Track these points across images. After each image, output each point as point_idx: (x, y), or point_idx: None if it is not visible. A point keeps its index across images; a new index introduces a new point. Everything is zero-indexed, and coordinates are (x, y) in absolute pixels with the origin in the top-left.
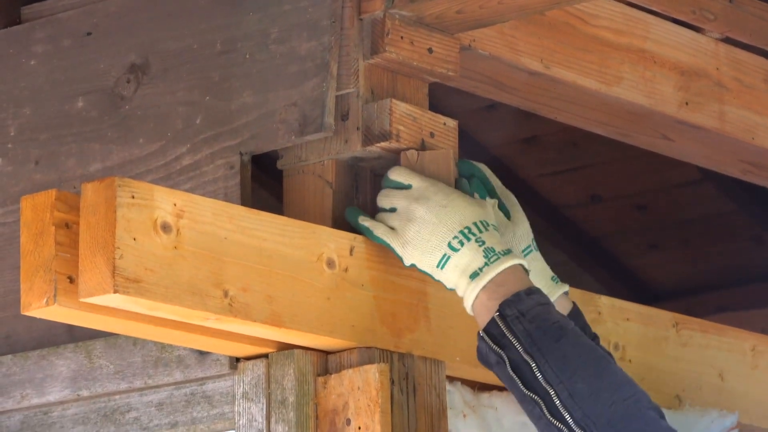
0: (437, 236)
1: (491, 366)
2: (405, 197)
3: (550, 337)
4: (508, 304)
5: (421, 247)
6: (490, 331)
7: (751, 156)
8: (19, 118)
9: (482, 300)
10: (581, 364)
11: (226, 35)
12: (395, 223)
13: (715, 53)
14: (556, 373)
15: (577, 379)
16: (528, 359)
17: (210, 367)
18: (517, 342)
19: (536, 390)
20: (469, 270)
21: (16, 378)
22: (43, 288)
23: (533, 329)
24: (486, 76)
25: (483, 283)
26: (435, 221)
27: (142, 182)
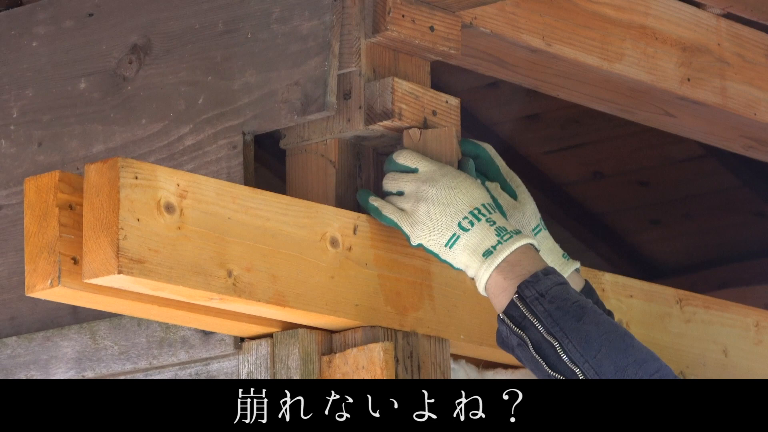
0: (447, 216)
1: (512, 349)
2: (413, 180)
3: (572, 317)
4: (526, 285)
5: (430, 226)
6: (510, 313)
7: (753, 131)
8: (21, 99)
9: (497, 280)
10: (605, 342)
11: (228, 15)
12: (404, 205)
13: (717, 29)
14: (581, 352)
15: (602, 358)
16: (551, 340)
17: (214, 347)
18: (539, 323)
19: (561, 371)
20: (480, 249)
21: (20, 359)
22: (47, 269)
23: (554, 309)
24: (488, 53)
25: (497, 262)
26: (445, 202)
27: (145, 163)
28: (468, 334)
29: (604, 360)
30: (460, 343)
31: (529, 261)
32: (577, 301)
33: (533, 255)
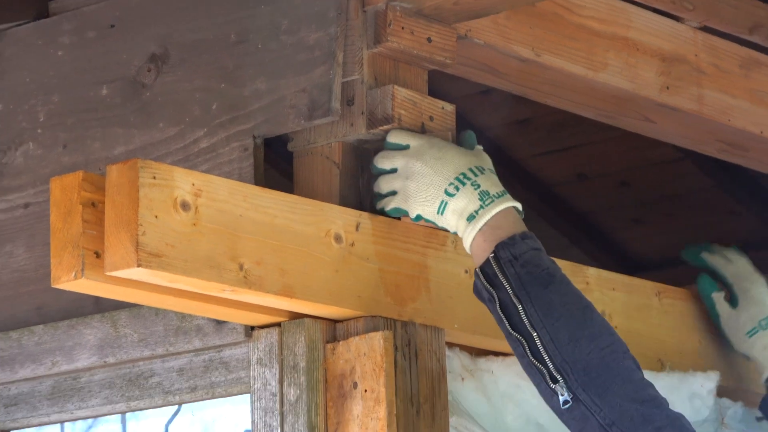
0: (435, 186)
1: (484, 301)
2: (403, 156)
3: (539, 283)
4: (502, 246)
5: (421, 197)
6: (485, 269)
7: (727, 136)
8: (47, 104)
9: (479, 242)
10: (565, 312)
11: (240, 27)
12: (396, 183)
13: (694, 40)
14: (540, 318)
15: (559, 326)
16: (516, 302)
17: (227, 335)
18: (508, 284)
19: (521, 331)
20: (465, 213)
21: (47, 346)
22: (71, 263)
23: (524, 273)
24: (481, 63)
25: (479, 226)
26: (431, 172)
27: (162, 164)
28: (462, 324)
29: (561, 329)
30: (454, 332)
31: (510, 224)
32: (548, 268)
33: (513, 218)
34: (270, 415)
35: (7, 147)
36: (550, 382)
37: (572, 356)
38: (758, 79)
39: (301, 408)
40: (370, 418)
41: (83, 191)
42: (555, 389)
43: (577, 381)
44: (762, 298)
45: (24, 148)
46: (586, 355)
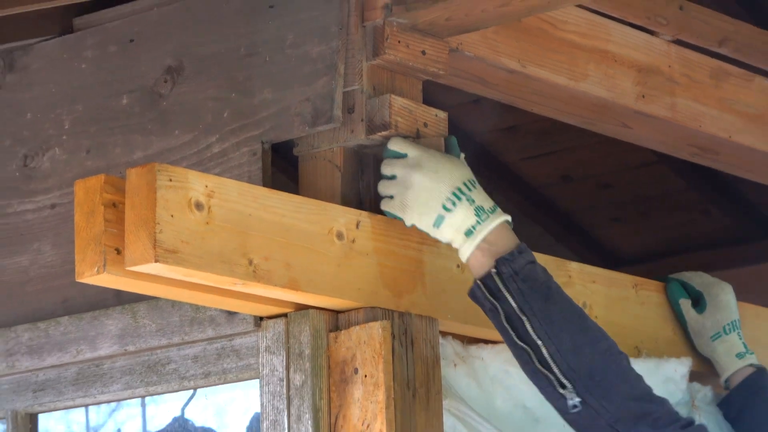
0: (432, 200)
1: (484, 309)
2: (402, 165)
3: (540, 297)
4: (503, 262)
5: (419, 209)
6: (487, 283)
7: (699, 141)
8: (72, 113)
9: (477, 256)
10: (565, 322)
11: (249, 41)
12: (393, 190)
13: (667, 53)
14: (545, 329)
15: (563, 336)
16: (521, 315)
17: (237, 325)
18: (512, 299)
19: (527, 342)
20: (463, 228)
21: (72, 336)
22: (94, 259)
23: (526, 288)
24: (471, 74)
25: (477, 241)
26: (429, 186)
27: (178, 167)
28: (454, 315)
29: (565, 338)
30: (447, 322)
31: (506, 239)
32: (545, 281)
33: (508, 232)
34: (277, 398)
35: (35, 152)
36: (559, 388)
37: (577, 363)
38: (727, 88)
39: (306, 392)
40: (370, 401)
41: (105, 193)
42: (564, 394)
43: (583, 386)
44: (729, 303)
45: (50, 154)
46: (589, 361)
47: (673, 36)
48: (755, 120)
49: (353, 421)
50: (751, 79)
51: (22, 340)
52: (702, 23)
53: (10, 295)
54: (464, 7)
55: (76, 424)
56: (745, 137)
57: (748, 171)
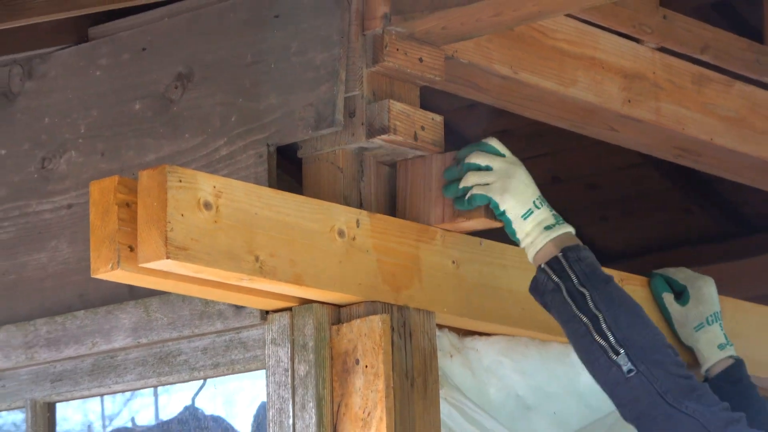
0: (528, 194)
1: (545, 293)
2: (502, 161)
3: (601, 280)
4: (570, 249)
5: (516, 198)
6: (552, 265)
7: (682, 143)
8: (87, 118)
9: (549, 247)
10: (622, 303)
11: (255, 49)
12: (492, 178)
13: (652, 60)
14: (604, 303)
15: (619, 312)
16: (582, 290)
17: (245, 318)
18: (575, 276)
19: (586, 313)
20: (543, 223)
21: (87, 329)
22: (108, 256)
23: (588, 272)
24: (466, 80)
25: (554, 235)
26: (527, 183)
27: (187, 169)
28: (450, 308)
29: (621, 315)
30: (443, 315)
31: (570, 240)
32: (605, 274)
33: (574, 237)
34: (283, 388)
35: (53, 155)
36: (613, 355)
37: (631, 336)
38: (708, 93)
39: (310, 382)
40: (370, 390)
41: (119, 193)
42: (617, 361)
43: (637, 355)
44: (712, 296)
45: (67, 156)
46: (642, 337)
47: (657, 44)
48: (735, 123)
49: (355, 409)
50: (731, 85)
51: (40, 333)
52: (684, 32)
53: (29, 290)
54: (459, 17)
55: (92, 412)
56: (726, 140)
57: (728, 172)
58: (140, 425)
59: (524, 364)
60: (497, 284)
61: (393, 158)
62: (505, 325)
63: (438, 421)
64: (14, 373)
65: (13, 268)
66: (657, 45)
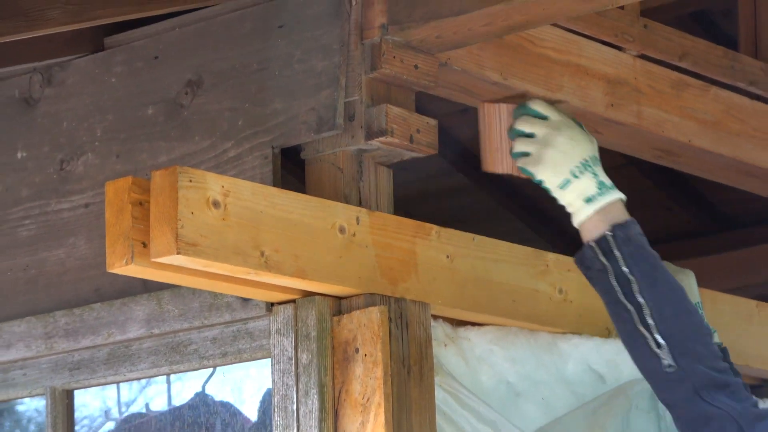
0: (566, 163)
1: (590, 269)
2: (544, 126)
3: (649, 263)
4: (618, 227)
5: (552, 169)
6: (601, 244)
7: (662, 144)
8: (103, 122)
9: (593, 220)
10: (668, 291)
11: (261, 57)
12: (531, 147)
13: (633, 66)
14: (651, 291)
15: (665, 302)
16: (630, 276)
17: (251, 310)
18: (623, 260)
19: (632, 301)
20: (584, 194)
21: (104, 320)
22: (123, 251)
23: (636, 254)
24: (458, 85)
25: (596, 207)
26: (566, 150)
27: (197, 170)
28: (444, 300)
29: (666, 303)
30: (438, 307)
31: (619, 212)
32: (653, 253)
33: (622, 207)
34: (287, 375)
35: (70, 157)
36: (654, 347)
37: (674, 328)
38: (686, 97)
39: (313, 370)
40: (369, 377)
41: (132, 193)
42: (658, 354)
43: (678, 349)
44: (692, 287)
45: (84, 158)
46: (684, 329)
47: (638, 51)
48: (712, 126)
49: (354, 395)
50: (707, 90)
51: (59, 324)
52: (664, 40)
53: (49, 284)
54: (452, 27)
55: (110, 399)
56: (703, 141)
57: (706, 172)
58: (154, 411)
59: (514, 353)
60: (489, 277)
61: (390, 159)
62: (496, 315)
63: (433, 406)
64: (35, 362)
65: (34, 263)
66: (638, 52)
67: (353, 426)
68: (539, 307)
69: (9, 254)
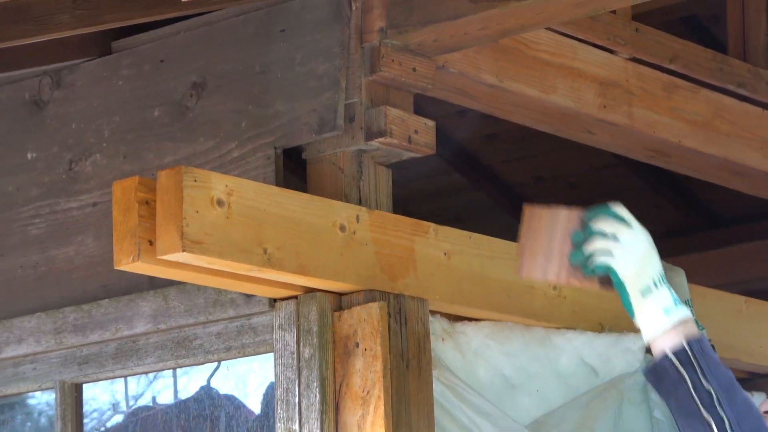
0: (649, 272)
1: (664, 380)
2: (627, 232)
3: (728, 379)
4: (695, 341)
5: (636, 272)
6: (679, 355)
7: (653, 144)
8: (111, 124)
9: (670, 333)
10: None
11: (263, 60)
12: (615, 249)
13: (625, 69)
14: (731, 407)
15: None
16: (709, 389)
17: (254, 306)
18: (701, 373)
19: (713, 415)
20: (662, 305)
21: (111, 316)
22: (129, 249)
23: (714, 367)
24: (456, 88)
25: (674, 320)
26: (649, 258)
27: (202, 170)
28: (441, 296)
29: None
30: (436, 302)
31: (692, 326)
32: (724, 368)
33: (693, 323)
34: (289, 369)
35: (79, 158)
36: None
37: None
38: (677, 99)
39: (314, 364)
40: (369, 371)
41: (139, 192)
42: None
43: None
44: (683, 285)
45: (92, 159)
46: None
47: (629, 54)
48: (701, 127)
49: (355, 388)
50: (697, 92)
51: (68, 320)
52: (655, 43)
53: (58, 281)
54: (449, 30)
55: (118, 393)
56: (693, 141)
57: (695, 171)
58: (161, 404)
59: (509, 347)
60: (485, 274)
61: (389, 159)
62: (491, 311)
63: (431, 399)
64: (45, 357)
65: (44, 260)
66: (630, 55)
67: (353, 418)
68: (534, 303)
69: (19, 252)
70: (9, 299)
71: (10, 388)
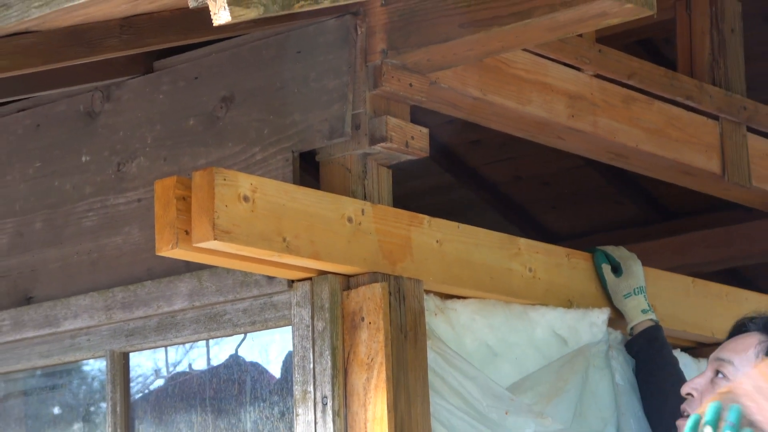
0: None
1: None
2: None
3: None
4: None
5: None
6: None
7: (615, 149)
8: (153, 132)
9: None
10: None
11: (282, 77)
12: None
13: (590, 84)
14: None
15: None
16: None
17: (275, 286)
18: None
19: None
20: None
21: (153, 295)
22: (169, 238)
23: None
24: (445, 100)
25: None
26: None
27: (230, 170)
28: (434, 277)
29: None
30: (429, 283)
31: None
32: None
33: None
34: (305, 340)
35: (126, 160)
36: None
37: None
38: (635, 110)
39: (326, 335)
40: (373, 341)
41: (177, 189)
42: None
43: None
44: (638, 272)
45: (137, 161)
46: None
47: (594, 72)
48: (655, 133)
49: (361, 356)
50: (651, 103)
51: (117, 299)
52: (615, 62)
53: (108, 266)
54: (440, 52)
55: (159, 360)
56: (648, 146)
57: (651, 171)
58: (196, 370)
59: (492, 321)
60: (471, 258)
61: (389, 161)
62: (477, 290)
63: (426, 365)
64: (97, 330)
65: (96, 248)
66: (594, 72)
67: (360, 381)
68: (513, 283)
69: (75, 241)
70: (67, 281)
71: (67, 356)
